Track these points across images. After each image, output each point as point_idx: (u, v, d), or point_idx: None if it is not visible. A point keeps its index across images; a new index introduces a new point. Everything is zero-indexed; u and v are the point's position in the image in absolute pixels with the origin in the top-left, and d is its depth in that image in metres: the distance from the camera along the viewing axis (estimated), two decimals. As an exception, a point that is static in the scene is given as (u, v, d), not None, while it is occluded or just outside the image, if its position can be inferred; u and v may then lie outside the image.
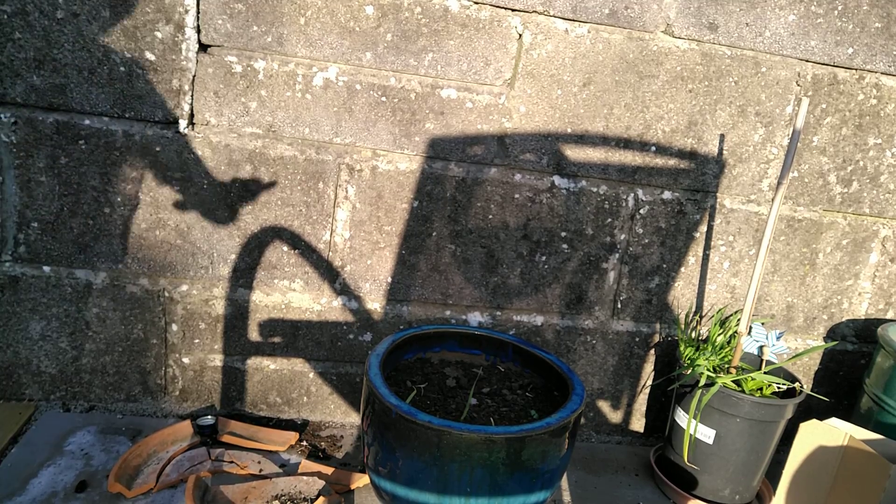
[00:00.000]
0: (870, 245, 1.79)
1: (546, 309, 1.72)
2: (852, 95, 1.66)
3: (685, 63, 1.58)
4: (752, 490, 1.61)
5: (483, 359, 1.57)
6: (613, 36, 1.54)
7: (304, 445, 1.61)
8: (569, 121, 1.58)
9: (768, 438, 1.53)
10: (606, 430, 1.87)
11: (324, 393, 1.72)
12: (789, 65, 1.61)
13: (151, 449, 1.46)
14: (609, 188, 1.65)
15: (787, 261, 1.77)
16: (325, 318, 1.65)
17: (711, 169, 1.67)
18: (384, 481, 1.23)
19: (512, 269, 1.68)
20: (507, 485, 1.17)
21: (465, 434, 1.12)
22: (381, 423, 1.20)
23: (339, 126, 1.52)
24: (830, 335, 1.86)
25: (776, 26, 1.58)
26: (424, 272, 1.65)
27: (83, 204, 1.48)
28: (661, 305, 1.77)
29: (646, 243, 1.70)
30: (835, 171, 1.72)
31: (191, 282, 1.58)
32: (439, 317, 1.70)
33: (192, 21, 1.41)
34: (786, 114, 1.65)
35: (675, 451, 1.62)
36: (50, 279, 1.52)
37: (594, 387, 1.82)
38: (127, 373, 1.61)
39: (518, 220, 1.64)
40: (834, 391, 1.92)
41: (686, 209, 1.69)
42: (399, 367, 1.47)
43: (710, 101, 1.62)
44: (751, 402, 1.47)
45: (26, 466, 1.38)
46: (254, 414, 1.70)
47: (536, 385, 1.49)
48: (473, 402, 1.37)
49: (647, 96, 1.59)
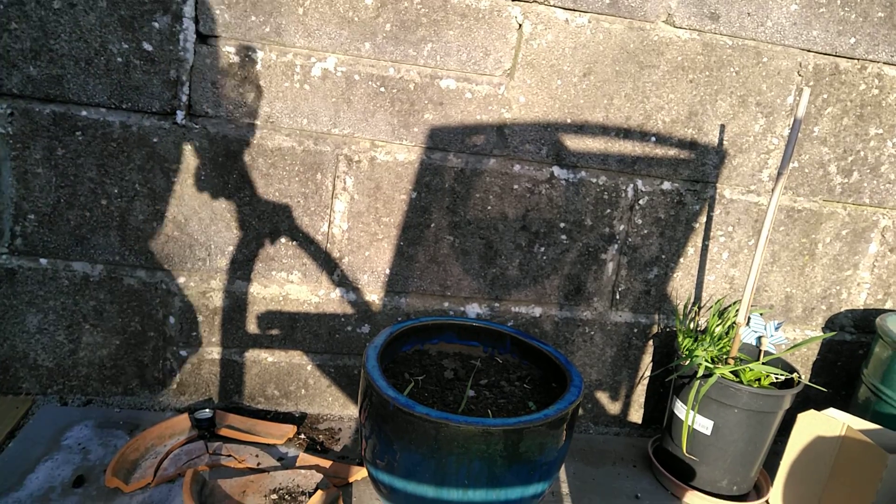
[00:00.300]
0: (869, 235, 1.78)
1: (544, 300, 1.72)
2: (854, 85, 1.65)
3: (686, 53, 1.57)
4: (750, 481, 1.62)
5: (481, 350, 1.57)
6: (614, 26, 1.52)
7: (302, 438, 1.61)
8: (568, 111, 1.57)
9: (766, 429, 1.54)
10: (605, 422, 1.88)
11: (322, 385, 1.72)
12: (791, 55, 1.60)
13: (149, 443, 1.46)
14: (608, 179, 1.64)
15: (786, 251, 1.77)
16: (323, 310, 1.64)
17: (711, 159, 1.66)
18: (382, 474, 1.23)
19: (510, 261, 1.67)
20: (505, 477, 1.17)
21: (462, 426, 1.11)
22: (378, 415, 1.20)
23: (337, 116, 1.50)
24: (829, 325, 1.86)
25: (778, 16, 1.56)
26: (423, 264, 1.64)
27: (80, 196, 1.47)
28: (660, 296, 1.76)
29: (645, 234, 1.70)
30: (835, 162, 1.71)
31: (188, 274, 1.57)
32: (437, 308, 1.69)
33: (191, 11, 1.39)
34: (787, 104, 1.64)
35: (673, 442, 1.63)
36: (47, 272, 1.51)
37: (592, 378, 1.82)
38: (124, 366, 1.61)
39: (517, 211, 1.63)
40: (832, 381, 1.92)
41: (685, 200, 1.69)
42: (397, 359, 1.47)
43: (711, 92, 1.60)
44: (749, 393, 1.47)
45: (23, 461, 1.38)
46: (252, 407, 1.70)
47: (534, 377, 1.49)
48: (471, 394, 1.37)
49: (647, 86, 1.58)
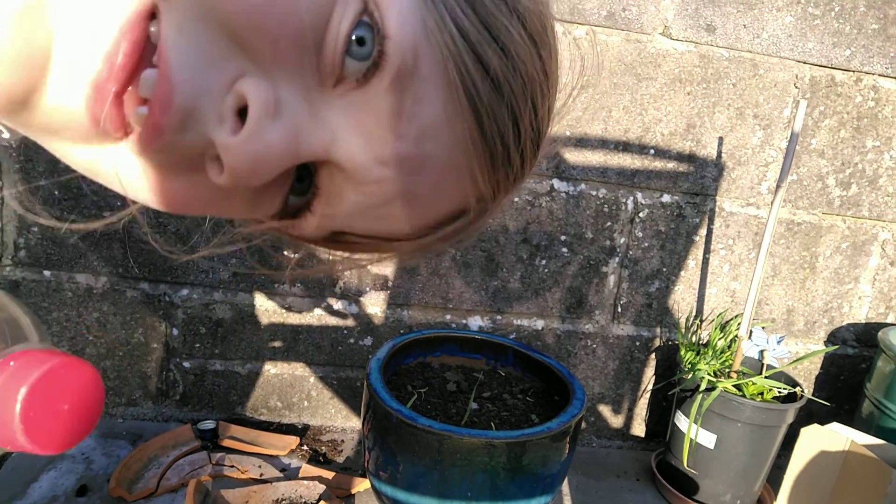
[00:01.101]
0: (869, 248, 1.79)
1: (546, 313, 1.72)
2: (850, 98, 1.67)
3: (683, 65, 1.58)
4: (754, 495, 1.61)
5: (484, 363, 1.57)
6: (611, 38, 1.54)
7: (305, 450, 1.61)
8: (567, 124, 1.58)
9: (769, 443, 1.53)
10: (607, 435, 1.87)
11: (324, 397, 1.72)
12: (787, 67, 1.62)
13: (152, 453, 1.46)
14: (608, 191, 1.65)
15: (786, 264, 1.77)
16: (326, 322, 1.65)
17: (710, 172, 1.67)
18: (385, 486, 1.23)
19: (512, 273, 1.68)
20: (507, 489, 1.16)
21: (465, 438, 1.11)
22: (381, 427, 1.20)
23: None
24: (831, 339, 1.86)
25: (773, 28, 1.58)
26: (425, 276, 1.65)
27: (83, 208, 1.48)
28: (662, 309, 1.77)
29: (645, 247, 1.70)
30: (833, 174, 1.72)
31: (191, 286, 1.58)
32: (440, 321, 1.70)
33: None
34: (784, 116, 1.66)
35: (675, 456, 1.62)
36: (50, 283, 1.52)
37: (595, 391, 1.81)
38: (128, 377, 1.62)
39: (518, 223, 1.64)
40: (835, 396, 1.92)
41: (685, 212, 1.70)
42: (399, 371, 1.47)
43: (709, 104, 1.62)
44: (752, 407, 1.47)
45: (27, 470, 1.38)
46: (254, 418, 1.70)
47: (537, 389, 1.49)
48: (474, 406, 1.37)
49: (645, 99, 1.59)
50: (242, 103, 0.30)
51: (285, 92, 0.31)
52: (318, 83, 0.31)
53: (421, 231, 0.40)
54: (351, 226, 0.38)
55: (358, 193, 0.35)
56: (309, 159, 0.33)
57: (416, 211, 0.38)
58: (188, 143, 0.30)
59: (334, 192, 0.36)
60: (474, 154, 0.36)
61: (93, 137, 0.30)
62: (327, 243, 0.45)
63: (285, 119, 0.31)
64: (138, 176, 0.32)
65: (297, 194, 0.36)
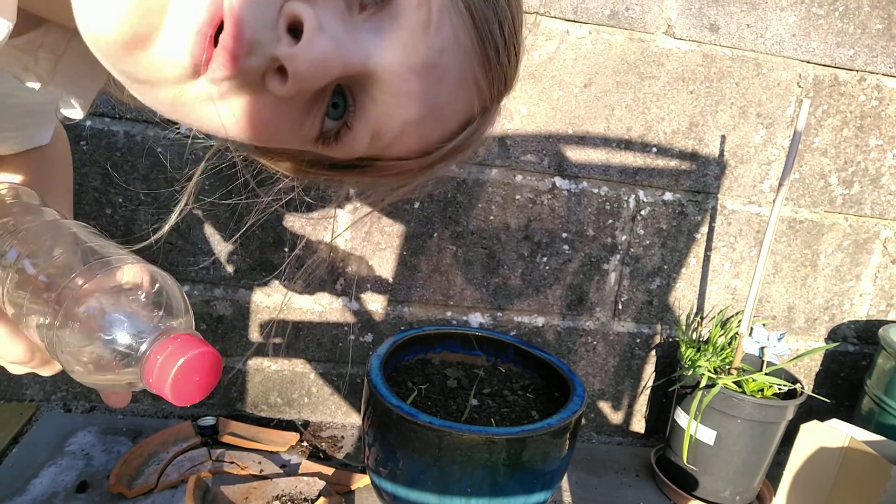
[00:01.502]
0: (871, 246, 1.79)
1: (547, 310, 1.72)
2: (853, 97, 1.66)
3: (686, 64, 1.58)
4: (753, 491, 1.61)
5: (484, 360, 1.57)
6: (614, 37, 1.54)
7: (305, 446, 1.61)
8: (570, 122, 1.58)
9: (769, 440, 1.53)
10: (607, 431, 1.87)
11: (325, 394, 1.72)
12: (790, 66, 1.61)
13: (152, 449, 1.47)
14: (610, 189, 1.65)
15: (788, 262, 1.77)
16: (326, 318, 1.65)
17: (712, 170, 1.67)
18: (385, 482, 1.23)
19: (513, 271, 1.68)
20: (507, 485, 1.17)
21: (466, 435, 1.12)
22: (381, 423, 1.20)
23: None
24: (831, 336, 1.86)
25: (777, 27, 1.58)
26: (425, 273, 1.65)
27: (84, 205, 1.48)
28: (662, 307, 1.77)
29: (647, 244, 1.70)
30: (836, 173, 1.72)
31: (192, 282, 1.58)
32: (440, 318, 1.70)
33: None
34: (787, 115, 1.65)
35: (675, 453, 1.62)
36: (51, 279, 1.52)
37: (595, 388, 1.82)
38: (128, 373, 1.61)
39: (519, 221, 1.64)
40: (835, 392, 1.92)
41: (687, 210, 1.69)
42: (400, 367, 1.47)
43: (712, 103, 1.62)
44: (752, 404, 1.47)
45: (27, 467, 1.38)
46: (254, 415, 1.70)
47: (537, 386, 1.49)
48: (474, 402, 1.37)
49: (648, 97, 1.59)
50: (293, 22, 0.36)
51: (322, 14, 0.37)
52: (346, 8, 0.38)
53: (438, 144, 0.46)
54: (381, 142, 0.44)
55: (391, 105, 0.41)
56: (353, 70, 0.39)
57: (436, 123, 0.44)
58: (255, 65, 0.37)
59: (369, 105, 0.41)
60: (475, 60, 0.42)
61: (187, 78, 0.37)
62: (354, 174, 0.51)
63: (330, 33, 0.37)
64: (220, 106, 0.38)
65: (333, 119, 0.43)
